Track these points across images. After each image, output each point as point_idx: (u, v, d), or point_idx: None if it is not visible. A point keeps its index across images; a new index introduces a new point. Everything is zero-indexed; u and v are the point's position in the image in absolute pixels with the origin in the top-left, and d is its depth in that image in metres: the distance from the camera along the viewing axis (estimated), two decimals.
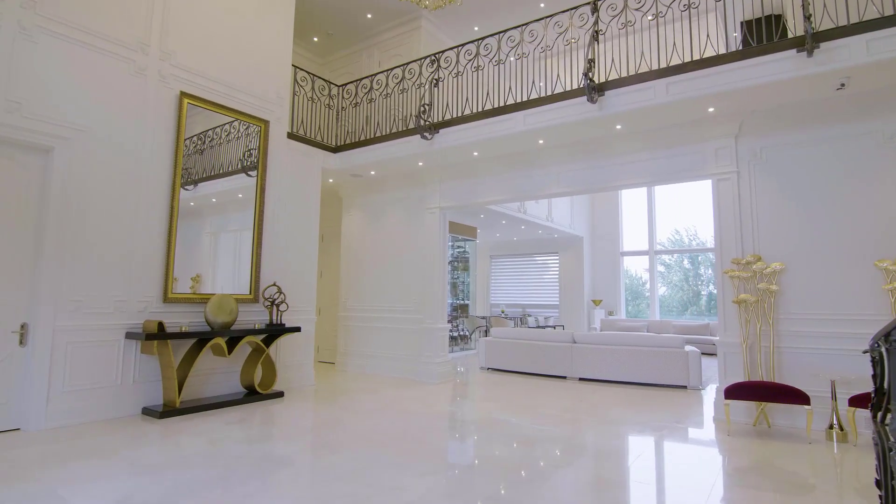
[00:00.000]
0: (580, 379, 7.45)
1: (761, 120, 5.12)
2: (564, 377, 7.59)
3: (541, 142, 6.16)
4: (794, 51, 4.30)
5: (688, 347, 6.90)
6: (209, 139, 6.14)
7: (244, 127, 6.39)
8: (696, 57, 5.02)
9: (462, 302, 11.02)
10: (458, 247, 11.76)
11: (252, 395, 5.85)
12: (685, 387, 6.77)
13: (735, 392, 4.57)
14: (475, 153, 6.69)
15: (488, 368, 8.46)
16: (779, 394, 4.40)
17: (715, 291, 14.91)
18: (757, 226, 5.13)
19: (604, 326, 12.18)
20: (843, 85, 4.37)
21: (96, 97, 4.93)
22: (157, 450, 3.93)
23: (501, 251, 15.19)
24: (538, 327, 12.11)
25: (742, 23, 6.21)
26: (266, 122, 6.57)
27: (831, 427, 4.40)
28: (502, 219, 11.17)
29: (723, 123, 5.26)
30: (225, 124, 6.21)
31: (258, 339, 5.94)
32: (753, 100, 4.79)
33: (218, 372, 5.89)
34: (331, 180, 8.29)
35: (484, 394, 6.48)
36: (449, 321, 8.97)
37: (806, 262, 4.87)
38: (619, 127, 5.60)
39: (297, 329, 6.25)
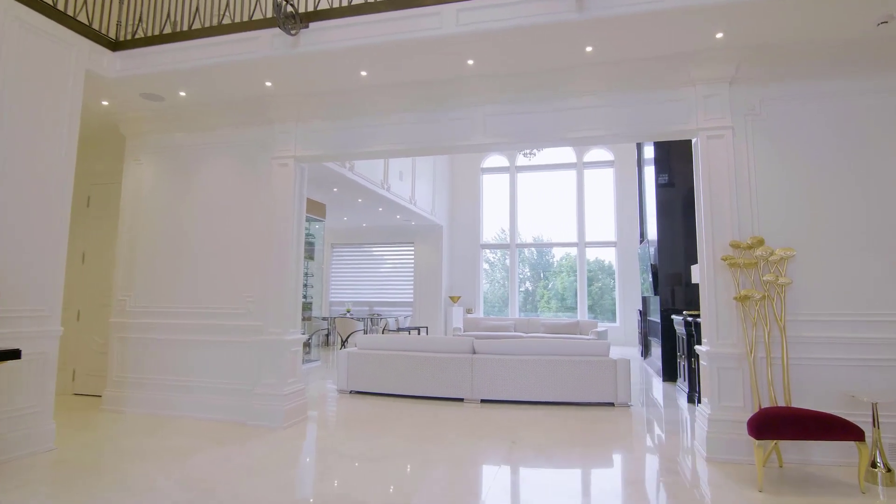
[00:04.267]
0: (482, 401, 5.65)
1: (764, 61, 3.91)
2: (462, 399, 5.70)
3: (470, 62, 4.16)
4: None
5: (613, 355, 5.62)
6: None
7: None
8: None
9: (304, 299, 8.42)
10: None
11: None
12: (612, 404, 5.46)
13: (770, 428, 3.18)
14: (363, 72, 4.39)
15: (351, 392, 6.15)
16: (830, 428, 3.13)
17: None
18: (756, 199, 3.91)
19: (467, 326, 10.71)
20: (894, 16, 3.31)
21: None
22: None
23: (346, 239, 12.79)
24: (398, 330, 10.10)
25: None
26: None
27: (874, 466, 3.30)
28: (360, 195, 8.90)
29: (717, 61, 3.93)
30: None
31: None
32: (779, 21, 3.50)
33: None
34: (105, 102, 5.08)
35: (368, 444, 4.21)
36: None
37: (817, 247, 3.78)
38: (589, 49, 3.91)
39: (15, 354, 3.20)
